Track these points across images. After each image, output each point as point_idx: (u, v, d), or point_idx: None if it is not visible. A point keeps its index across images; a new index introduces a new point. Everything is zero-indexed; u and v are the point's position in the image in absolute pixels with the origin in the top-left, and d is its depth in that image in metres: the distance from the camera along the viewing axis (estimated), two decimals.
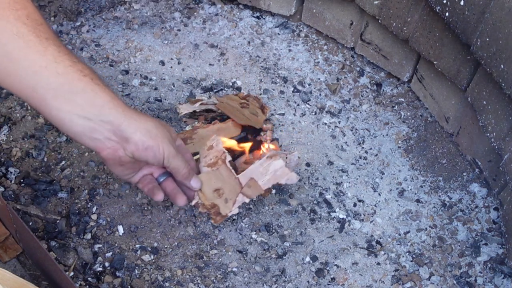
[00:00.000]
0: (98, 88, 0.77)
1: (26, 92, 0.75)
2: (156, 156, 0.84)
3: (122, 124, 0.79)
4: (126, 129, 0.79)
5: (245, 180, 0.96)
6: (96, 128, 0.77)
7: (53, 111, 0.75)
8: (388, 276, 0.98)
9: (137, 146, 0.81)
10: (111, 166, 0.85)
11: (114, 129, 0.79)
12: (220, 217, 0.95)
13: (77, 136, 0.78)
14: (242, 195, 0.95)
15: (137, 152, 0.82)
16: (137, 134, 0.80)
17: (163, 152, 0.84)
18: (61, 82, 0.74)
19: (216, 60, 1.32)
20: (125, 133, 0.79)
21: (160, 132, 0.83)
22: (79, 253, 0.94)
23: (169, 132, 0.87)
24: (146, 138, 0.81)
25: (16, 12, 0.73)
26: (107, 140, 0.79)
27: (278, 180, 0.97)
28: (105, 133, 0.78)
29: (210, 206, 0.95)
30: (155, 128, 0.83)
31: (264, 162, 0.97)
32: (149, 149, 0.82)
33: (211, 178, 0.97)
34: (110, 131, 0.78)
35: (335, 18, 1.34)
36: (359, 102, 1.27)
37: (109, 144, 0.80)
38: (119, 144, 0.80)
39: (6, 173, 1.04)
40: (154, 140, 0.82)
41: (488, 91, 1.01)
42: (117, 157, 0.82)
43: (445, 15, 1.02)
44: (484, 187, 1.11)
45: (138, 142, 0.80)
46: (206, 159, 0.99)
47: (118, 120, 0.78)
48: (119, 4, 1.41)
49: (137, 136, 0.80)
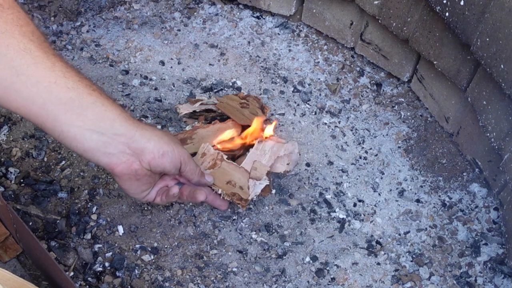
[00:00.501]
0: (107, 102, 0.76)
1: (32, 109, 0.73)
2: (173, 161, 0.83)
3: (135, 135, 0.78)
4: (139, 139, 0.79)
5: (249, 165, 1.04)
6: (109, 142, 0.77)
7: (64, 127, 0.74)
8: (388, 276, 0.98)
9: (153, 154, 0.80)
10: (126, 183, 0.83)
11: (128, 141, 0.78)
12: (244, 201, 1.00)
13: (90, 152, 0.77)
14: (252, 180, 1.01)
15: (154, 161, 0.81)
16: (152, 143, 0.80)
17: (179, 156, 0.84)
18: (71, 97, 0.73)
19: (216, 60, 1.32)
20: (139, 144, 0.79)
21: (171, 138, 0.85)
22: (79, 253, 0.94)
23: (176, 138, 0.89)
24: (161, 145, 0.81)
25: (20, 28, 0.72)
26: (121, 154, 0.78)
27: (277, 154, 1.08)
28: (119, 147, 0.78)
29: (231, 194, 0.99)
30: (166, 135, 0.84)
31: (258, 146, 1.08)
32: (165, 155, 0.82)
33: (218, 175, 1.02)
34: (124, 144, 0.78)
35: (335, 18, 1.34)
36: (359, 102, 1.27)
37: (124, 158, 0.79)
38: (134, 157, 0.80)
39: (6, 173, 1.04)
40: (168, 146, 0.82)
41: (488, 91, 1.01)
42: (133, 171, 0.81)
43: (445, 15, 1.02)
44: (484, 187, 1.11)
45: (153, 150, 0.80)
46: (204, 165, 1.04)
47: (130, 132, 0.78)
48: (119, 4, 1.41)
49: (151, 144, 0.80)
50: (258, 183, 1.03)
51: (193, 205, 1.04)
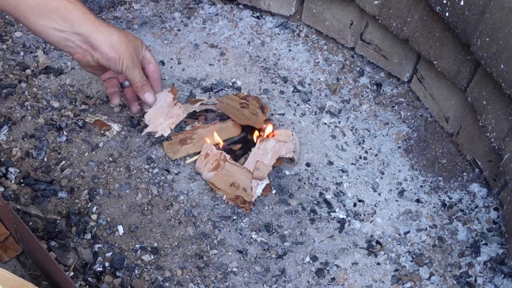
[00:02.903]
0: (70, 5, 0.92)
1: (8, 8, 0.90)
2: (116, 66, 0.99)
3: (91, 36, 0.94)
4: (93, 41, 0.95)
5: (252, 166, 1.05)
6: (68, 38, 0.94)
7: (32, 24, 0.91)
8: (388, 276, 0.98)
9: (101, 55, 0.97)
10: (82, 66, 1.02)
11: (84, 39, 0.94)
12: (247, 204, 1.02)
13: (53, 43, 0.96)
14: (254, 180, 1.04)
15: (102, 60, 0.97)
16: (102, 46, 0.95)
17: (122, 63, 0.98)
18: (38, 1, 0.89)
19: (216, 60, 1.32)
20: (93, 44, 0.95)
21: (124, 46, 0.97)
22: (79, 253, 0.94)
23: (134, 46, 1.00)
24: (109, 50, 0.96)
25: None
26: (78, 47, 0.96)
27: (279, 154, 1.09)
28: (76, 42, 0.95)
29: (235, 198, 1.02)
30: (119, 43, 0.97)
31: (260, 145, 1.09)
32: (111, 60, 0.97)
33: (222, 177, 1.04)
34: (80, 40, 0.95)
35: (335, 18, 1.34)
36: (359, 102, 1.27)
37: (80, 50, 0.96)
38: (88, 52, 0.97)
39: (6, 173, 1.04)
40: (116, 53, 0.97)
41: (488, 91, 1.01)
42: (86, 61, 0.98)
43: (445, 15, 1.02)
44: (484, 187, 1.11)
45: (102, 53, 0.96)
46: (207, 166, 1.06)
47: (87, 33, 0.94)
48: (119, 4, 1.41)
49: (101, 48, 0.96)
50: (260, 183, 1.04)
51: (193, 205, 1.04)
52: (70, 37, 0.94)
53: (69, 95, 1.19)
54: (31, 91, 1.18)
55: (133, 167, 1.08)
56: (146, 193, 1.04)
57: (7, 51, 1.26)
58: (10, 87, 1.18)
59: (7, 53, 1.25)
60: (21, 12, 0.90)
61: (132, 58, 0.99)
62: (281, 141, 1.10)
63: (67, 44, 0.95)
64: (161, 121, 1.09)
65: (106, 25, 0.97)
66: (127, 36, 1.00)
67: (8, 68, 1.22)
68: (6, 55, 1.25)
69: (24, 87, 1.19)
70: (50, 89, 1.19)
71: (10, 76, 1.20)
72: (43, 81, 1.21)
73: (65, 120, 1.14)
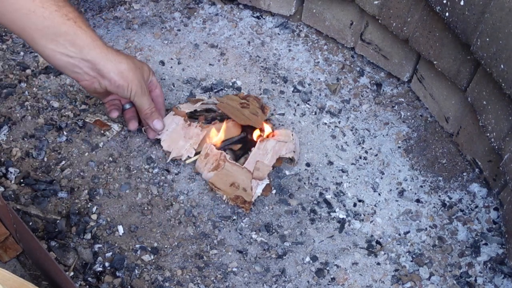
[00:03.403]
0: (80, 30, 0.90)
1: (16, 31, 0.89)
2: (124, 93, 0.99)
3: (99, 64, 0.93)
4: (102, 68, 0.94)
5: (252, 166, 1.05)
6: (76, 64, 0.93)
7: (40, 47, 0.90)
8: (388, 276, 0.98)
9: (110, 83, 0.96)
10: (88, 92, 1.02)
11: (92, 67, 0.93)
12: (247, 204, 1.02)
13: (61, 68, 0.94)
14: (254, 180, 1.04)
15: (110, 88, 0.97)
16: (111, 74, 0.95)
17: (131, 91, 0.98)
18: (47, 25, 0.88)
19: (216, 60, 1.32)
20: (101, 72, 0.94)
21: (132, 74, 0.97)
22: (79, 253, 0.94)
23: (141, 72, 1.00)
24: (118, 78, 0.96)
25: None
26: (85, 74, 0.95)
27: (279, 154, 1.09)
28: (84, 69, 0.94)
29: (235, 198, 1.02)
30: (128, 70, 0.96)
31: (260, 145, 1.09)
32: (120, 88, 0.97)
33: (222, 177, 1.04)
34: (88, 67, 0.93)
35: (335, 18, 1.34)
36: (359, 102, 1.27)
37: (87, 77, 0.95)
38: (95, 79, 0.96)
39: (6, 173, 1.04)
40: (125, 81, 0.96)
41: (488, 91, 1.01)
42: (93, 88, 0.98)
43: (445, 15, 1.02)
44: (484, 187, 1.11)
45: (111, 81, 0.96)
46: (207, 166, 1.06)
47: (95, 60, 0.93)
48: (119, 4, 1.41)
49: (110, 76, 0.95)
50: (260, 183, 1.04)
51: (193, 205, 1.04)
52: (78, 63, 0.92)
53: (69, 95, 1.19)
54: (31, 91, 1.18)
55: (133, 167, 1.08)
56: (146, 193, 1.04)
57: (7, 51, 1.26)
58: (10, 87, 1.18)
59: (7, 53, 1.25)
60: (29, 34, 0.89)
61: (140, 85, 0.99)
62: (281, 141, 1.10)
63: (74, 70, 0.94)
64: (182, 144, 1.09)
65: (115, 53, 0.96)
66: (135, 62, 0.99)
67: (8, 68, 1.22)
68: (6, 55, 1.25)
69: (24, 87, 1.19)
70: (50, 89, 1.19)
71: (10, 76, 1.20)
72: (43, 81, 1.21)
73: (65, 120, 1.14)
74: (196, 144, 1.09)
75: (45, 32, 0.88)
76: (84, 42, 0.91)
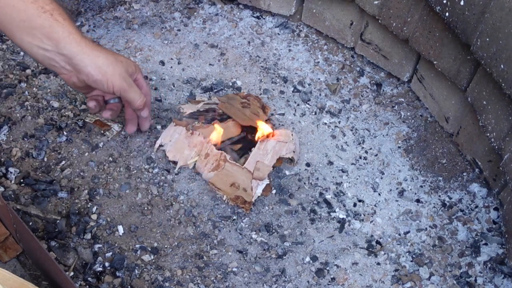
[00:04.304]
0: (56, 23, 0.89)
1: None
2: (104, 88, 0.95)
3: (75, 58, 0.91)
4: (78, 63, 0.91)
5: (252, 166, 1.05)
6: (53, 57, 0.91)
7: (18, 41, 0.90)
8: (388, 276, 0.98)
9: (88, 78, 0.93)
10: (69, 85, 1.00)
11: (68, 61, 0.91)
12: (247, 204, 1.03)
13: (39, 61, 0.94)
14: (255, 180, 1.04)
15: (88, 82, 0.94)
16: (88, 68, 0.92)
17: (112, 86, 0.95)
18: (23, 18, 0.87)
19: (216, 60, 1.32)
20: (78, 66, 0.92)
21: (112, 68, 0.94)
22: (79, 253, 0.94)
23: (124, 68, 0.96)
24: (95, 73, 0.92)
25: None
26: (62, 68, 0.93)
27: (279, 154, 1.09)
28: (61, 63, 0.92)
29: (235, 198, 1.02)
30: (106, 65, 0.93)
31: (260, 145, 1.09)
32: (97, 82, 0.94)
33: (222, 177, 1.04)
34: (64, 61, 0.92)
35: (335, 18, 1.34)
36: (359, 102, 1.27)
37: (65, 71, 0.94)
38: (73, 73, 0.94)
39: (6, 173, 1.04)
40: (103, 76, 0.93)
41: (488, 91, 1.01)
42: (71, 81, 0.96)
43: (445, 15, 1.02)
44: (484, 187, 1.11)
45: (88, 75, 0.93)
46: (207, 167, 1.06)
47: (71, 54, 0.90)
48: (119, 4, 1.41)
49: (87, 70, 0.92)
50: (260, 183, 1.04)
51: (193, 205, 1.04)
52: (54, 56, 0.91)
53: (69, 95, 1.19)
54: (31, 91, 1.18)
55: (133, 167, 1.08)
56: (146, 193, 1.04)
57: (7, 51, 1.26)
58: (10, 87, 1.18)
59: (7, 53, 1.25)
60: (7, 28, 0.88)
61: (124, 78, 0.96)
62: (281, 141, 1.11)
63: (51, 64, 0.92)
64: (187, 153, 1.08)
65: (93, 46, 0.93)
66: (116, 57, 0.96)
67: (8, 68, 1.22)
68: (6, 55, 1.25)
69: (24, 87, 1.19)
70: (50, 89, 1.19)
71: (10, 76, 1.20)
72: (43, 81, 1.21)
73: (65, 120, 1.14)
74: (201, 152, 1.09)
75: (21, 25, 0.87)
76: (60, 35, 0.89)
